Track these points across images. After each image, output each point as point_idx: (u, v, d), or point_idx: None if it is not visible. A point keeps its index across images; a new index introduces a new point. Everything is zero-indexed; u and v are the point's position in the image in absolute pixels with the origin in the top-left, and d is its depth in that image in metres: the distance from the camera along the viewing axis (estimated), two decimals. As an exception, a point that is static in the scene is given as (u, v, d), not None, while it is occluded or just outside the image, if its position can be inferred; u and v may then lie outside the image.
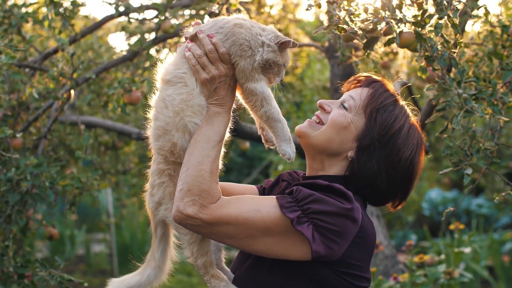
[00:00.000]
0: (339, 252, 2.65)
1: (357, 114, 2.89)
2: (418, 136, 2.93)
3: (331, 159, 2.93)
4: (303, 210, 2.63)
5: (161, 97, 2.86)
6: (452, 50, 3.42)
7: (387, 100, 2.90)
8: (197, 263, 2.92)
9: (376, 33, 3.40)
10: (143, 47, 5.37)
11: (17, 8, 4.79)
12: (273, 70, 2.84)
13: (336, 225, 2.61)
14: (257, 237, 2.69)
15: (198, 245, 2.89)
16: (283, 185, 3.13)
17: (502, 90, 3.84)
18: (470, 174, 3.60)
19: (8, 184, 4.46)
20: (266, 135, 3.01)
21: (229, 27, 2.81)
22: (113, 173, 8.78)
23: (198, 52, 2.80)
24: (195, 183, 2.69)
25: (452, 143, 3.66)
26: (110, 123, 7.18)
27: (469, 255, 9.22)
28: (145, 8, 5.44)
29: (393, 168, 2.85)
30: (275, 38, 2.81)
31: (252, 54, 2.78)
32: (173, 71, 2.85)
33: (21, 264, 4.44)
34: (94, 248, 13.90)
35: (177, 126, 2.81)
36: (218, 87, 2.82)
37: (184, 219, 2.69)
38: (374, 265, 6.37)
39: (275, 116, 2.83)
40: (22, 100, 5.15)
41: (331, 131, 2.89)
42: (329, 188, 2.69)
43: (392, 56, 7.01)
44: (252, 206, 2.69)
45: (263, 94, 2.81)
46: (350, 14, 3.37)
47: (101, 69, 5.43)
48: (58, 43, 4.74)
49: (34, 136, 5.39)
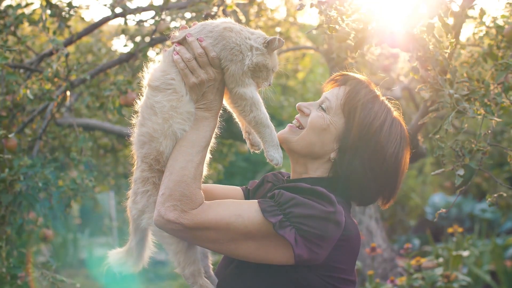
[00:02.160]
0: (322, 256, 2.64)
1: (335, 114, 2.88)
2: (401, 130, 2.90)
3: (314, 161, 2.92)
4: (285, 214, 2.61)
5: (149, 104, 2.83)
6: (444, 50, 3.40)
7: (365, 97, 2.87)
8: (184, 273, 2.89)
9: (366, 33, 3.38)
10: (139, 48, 5.36)
11: (12, 9, 4.78)
12: (262, 74, 2.83)
13: (318, 228, 2.59)
14: (239, 241, 2.68)
15: (185, 255, 2.88)
16: (267, 186, 3.12)
17: (496, 91, 3.81)
18: (462, 175, 3.58)
19: (2, 184, 4.46)
20: (252, 139, 3.00)
21: (219, 31, 2.79)
22: (113, 176, 8.78)
23: (187, 56, 2.78)
24: (177, 188, 2.69)
25: (444, 144, 3.63)
26: (108, 126, 7.19)
27: (472, 260, 9.19)
28: (141, 10, 5.44)
29: (379, 166, 2.82)
30: (262, 40, 2.81)
31: (242, 58, 2.78)
32: (161, 77, 2.82)
33: (13, 265, 4.44)
34: (97, 252, 13.89)
35: (165, 133, 2.79)
36: (206, 91, 2.81)
37: (165, 224, 2.68)
38: (372, 268, 6.36)
39: (264, 122, 2.83)
40: (18, 101, 5.15)
41: (311, 135, 2.88)
42: (311, 191, 2.68)
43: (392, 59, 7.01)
44: (233, 211, 2.68)
45: (252, 99, 2.80)
46: (341, 14, 3.35)
47: (97, 71, 5.42)
48: (52, 44, 4.73)
49: (30, 138, 5.38)
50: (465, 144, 3.66)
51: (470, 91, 3.64)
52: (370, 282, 5.79)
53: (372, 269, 6.29)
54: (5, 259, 4.45)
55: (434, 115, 3.85)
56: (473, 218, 12.46)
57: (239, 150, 8.35)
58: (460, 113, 3.47)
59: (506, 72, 3.74)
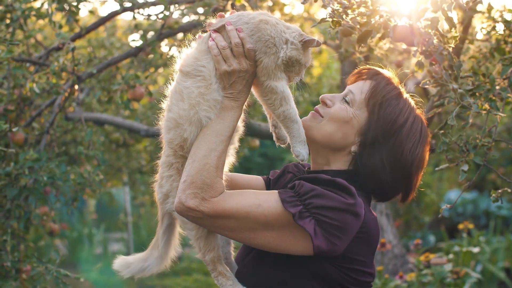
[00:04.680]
0: (341, 248, 2.65)
1: (359, 108, 2.88)
2: (422, 127, 2.91)
3: (335, 153, 2.92)
4: (305, 205, 2.63)
5: (178, 89, 2.86)
6: (448, 44, 3.37)
7: (390, 94, 2.88)
8: (205, 258, 2.93)
9: (370, 27, 3.35)
10: (148, 42, 5.36)
11: (19, 3, 4.78)
12: (294, 68, 2.84)
13: (338, 220, 2.61)
14: (258, 231, 2.70)
15: (205, 241, 2.90)
16: (288, 176, 3.14)
17: (502, 85, 3.78)
18: (466, 170, 3.55)
19: (7, 178, 4.47)
20: (278, 133, 3.01)
21: (255, 23, 2.80)
22: (126, 171, 8.78)
23: (222, 44, 2.80)
24: (199, 176, 2.70)
25: (448, 139, 3.60)
26: (119, 120, 7.19)
27: (486, 257, 9.15)
28: (150, 4, 5.43)
29: (396, 161, 2.83)
30: (299, 36, 2.82)
31: (276, 51, 2.78)
32: (193, 63, 2.84)
33: (18, 258, 4.45)
34: (112, 247, 13.93)
35: (190, 120, 2.80)
36: (235, 81, 2.81)
37: (185, 211, 2.70)
38: (383, 264, 6.33)
39: (293, 117, 2.83)
40: (26, 95, 5.16)
41: (332, 125, 2.88)
42: (331, 183, 2.69)
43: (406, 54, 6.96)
44: (253, 201, 2.69)
45: (283, 93, 2.81)
46: (344, 7, 3.32)
47: (105, 65, 5.42)
48: (58, 38, 4.73)
49: (37, 132, 5.39)
50: (469, 140, 3.63)
51: (475, 86, 3.61)
52: (379, 278, 5.76)
53: (382, 265, 6.26)
54: (10, 253, 4.46)
55: (439, 110, 3.82)
56: (488, 215, 12.39)
57: (250, 145, 8.34)
58: (464, 108, 3.44)
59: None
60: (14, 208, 4.55)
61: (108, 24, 7.73)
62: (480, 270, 8.91)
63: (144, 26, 7.00)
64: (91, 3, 5.75)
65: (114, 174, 8.81)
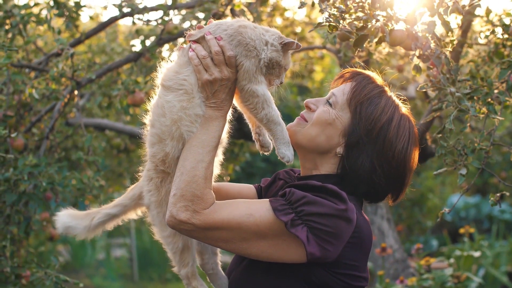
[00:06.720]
0: (334, 254, 2.65)
1: (342, 109, 2.87)
2: (409, 126, 2.90)
3: (322, 157, 2.91)
4: (296, 213, 2.62)
5: (160, 103, 2.86)
6: (445, 48, 3.37)
7: (371, 92, 2.87)
8: (180, 273, 2.97)
9: (366, 31, 3.36)
10: (147, 48, 5.37)
11: (18, 9, 4.79)
12: (274, 71, 2.85)
13: (330, 226, 2.60)
14: (251, 240, 2.70)
15: (180, 256, 2.94)
16: (279, 183, 3.13)
17: (500, 89, 3.78)
18: (464, 174, 3.55)
19: (6, 184, 4.47)
20: (262, 141, 3.00)
21: (234, 28, 2.81)
22: (127, 176, 8.78)
23: (202, 53, 2.80)
24: (189, 189, 2.70)
25: (446, 143, 3.60)
26: (120, 126, 7.20)
27: (489, 261, 9.14)
28: (149, 10, 5.44)
29: (387, 163, 2.82)
30: (279, 38, 2.83)
31: (257, 54, 2.79)
32: (174, 76, 2.84)
33: (18, 264, 4.45)
34: (114, 253, 13.93)
35: (172, 135, 2.81)
36: (218, 90, 2.81)
37: (177, 224, 2.70)
38: (384, 269, 6.33)
39: (275, 119, 2.83)
40: (26, 101, 5.17)
41: (316, 128, 2.88)
42: (322, 189, 2.68)
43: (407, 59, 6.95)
44: (245, 210, 2.69)
45: (264, 96, 2.81)
46: (341, 11, 3.33)
47: (105, 70, 5.43)
48: (57, 43, 4.74)
49: (37, 137, 5.40)
50: (467, 143, 3.63)
51: (472, 89, 3.61)
52: (380, 282, 5.76)
53: (383, 269, 6.26)
54: (9, 259, 4.46)
55: (437, 114, 3.82)
56: (491, 219, 12.39)
57: (250, 150, 8.33)
58: (462, 111, 3.44)
59: (510, 70, 3.70)
60: (13, 214, 4.55)
61: (109, 29, 7.74)
62: (483, 274, 8.91)
63: (145, 31, 7.01)
64: (93, 9, 5.75)
65: (116, 179, 8.80)
